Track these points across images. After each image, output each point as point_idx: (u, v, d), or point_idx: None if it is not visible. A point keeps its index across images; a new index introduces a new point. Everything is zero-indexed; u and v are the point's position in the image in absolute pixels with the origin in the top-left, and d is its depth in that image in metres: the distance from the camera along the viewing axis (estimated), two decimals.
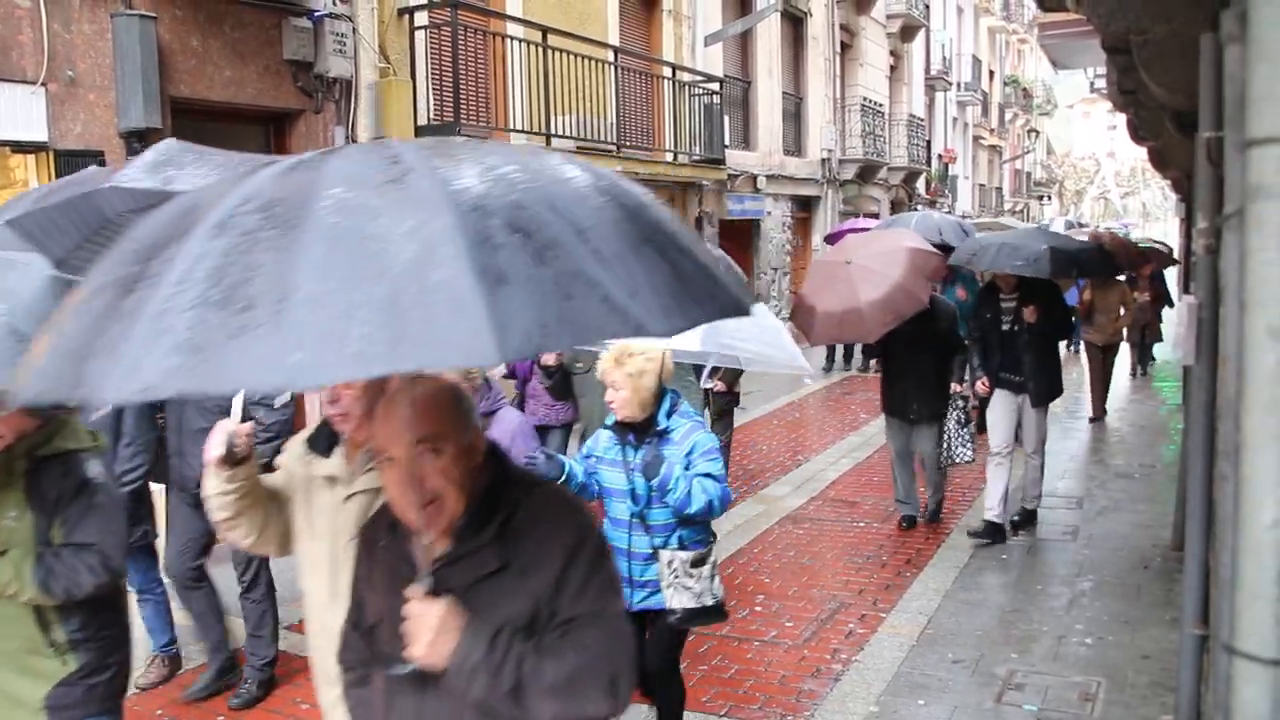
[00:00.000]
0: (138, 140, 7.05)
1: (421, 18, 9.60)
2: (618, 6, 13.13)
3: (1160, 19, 4.35)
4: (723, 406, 8.19)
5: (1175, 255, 15.36)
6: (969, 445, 7.45)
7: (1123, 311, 11.72)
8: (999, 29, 39.98)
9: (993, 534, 7.36)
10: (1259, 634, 1.44)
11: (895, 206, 24.45)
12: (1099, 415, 12.30)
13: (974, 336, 7.49)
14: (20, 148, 6.63)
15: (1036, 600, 6.30)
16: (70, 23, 6.78)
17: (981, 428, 7.85)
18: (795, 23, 19.17)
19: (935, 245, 8.65)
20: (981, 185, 37.54)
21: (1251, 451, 1.41)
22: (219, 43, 7.75)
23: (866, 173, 21.46)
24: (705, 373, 5.98)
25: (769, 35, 17.69)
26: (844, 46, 21.48)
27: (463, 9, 9.46)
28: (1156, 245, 16.24)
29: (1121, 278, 13.21)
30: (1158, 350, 16.61)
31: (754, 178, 16.63)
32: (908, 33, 25.09)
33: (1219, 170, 3.07)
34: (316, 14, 8.46)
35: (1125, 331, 15.38)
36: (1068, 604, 6.20)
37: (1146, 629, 5.75)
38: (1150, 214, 63.17)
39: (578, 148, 11.10)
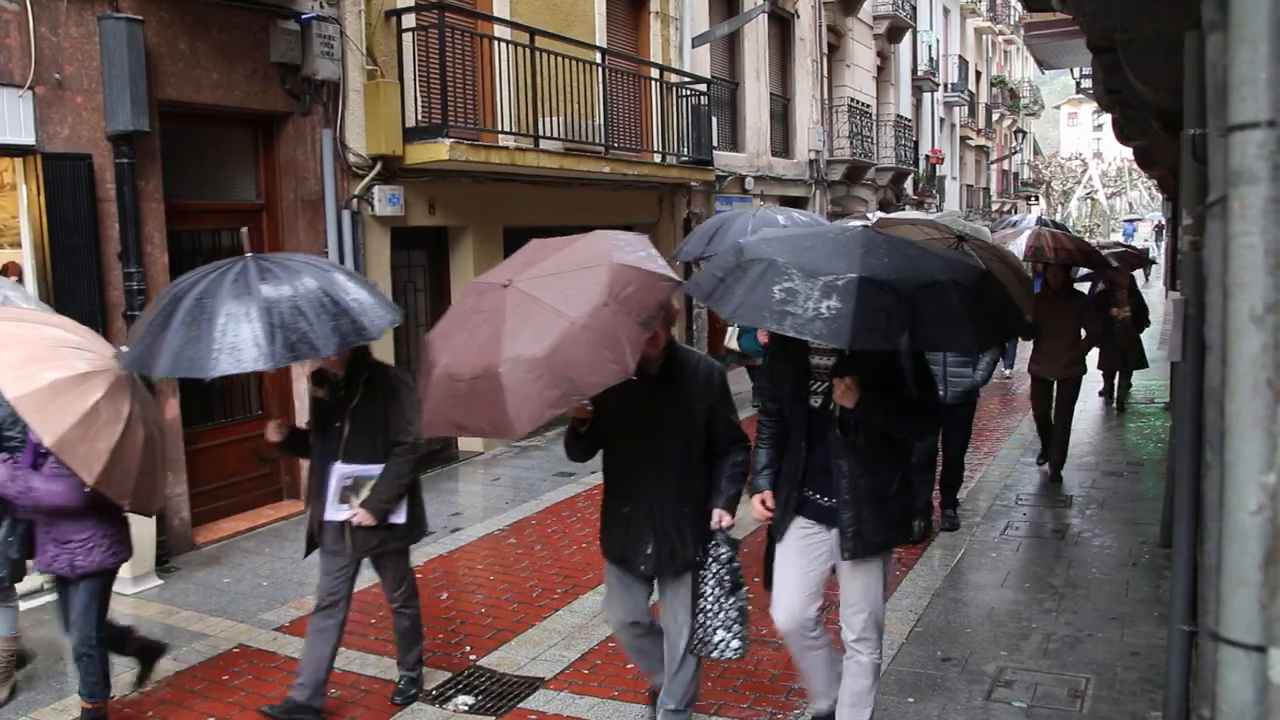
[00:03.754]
0: (125, 143, 7.03)
1: (409, 20, 9.59)
2: (605, 8, 13.13)
3: (1144, 18, 4.39)
4: None
5: (1151, 256, 14.68)
6: (740, 628, 4.19)
7: (1082, 334, 8.91)
8: (985, 30, 40.11)
9: None
10: (1244, 620, 1.45)
11: (884, 207, 24.49)
12: (1046, 464, 9.36)
13: (761, 420, 4.32)
14: (7, 151, 6.60)
15: (1025, 598, 6.32)
16: (57, 26, 6.75)
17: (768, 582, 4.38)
18: (782, 24, 19.21)
19: None
20: (969, 186, 37.64)
21: (1235, 437, 1.42)
22: (206, 45, 7.73)
23: (854, 174, 21.50)
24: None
25: (756, 36, 17.72)
26: (831, 48, 21.52)
27: (450, 11, 9.45)
28: (1127, 250, 14.53)
29: (1084, 287, 11.93)
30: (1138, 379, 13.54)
31: (742, 179, 16.65)
32: (894, 34, 25.14)
33: (1204, 166, 3.10)
34: (304, 16, 8.44)
35: (1089, 360, 12.33)
36: (1057, 601, 6.22)
37: (1135, 625, 5.77)
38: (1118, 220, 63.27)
39: (566, 149, 11.11)
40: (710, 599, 4.16)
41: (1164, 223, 30.51)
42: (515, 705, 5.05)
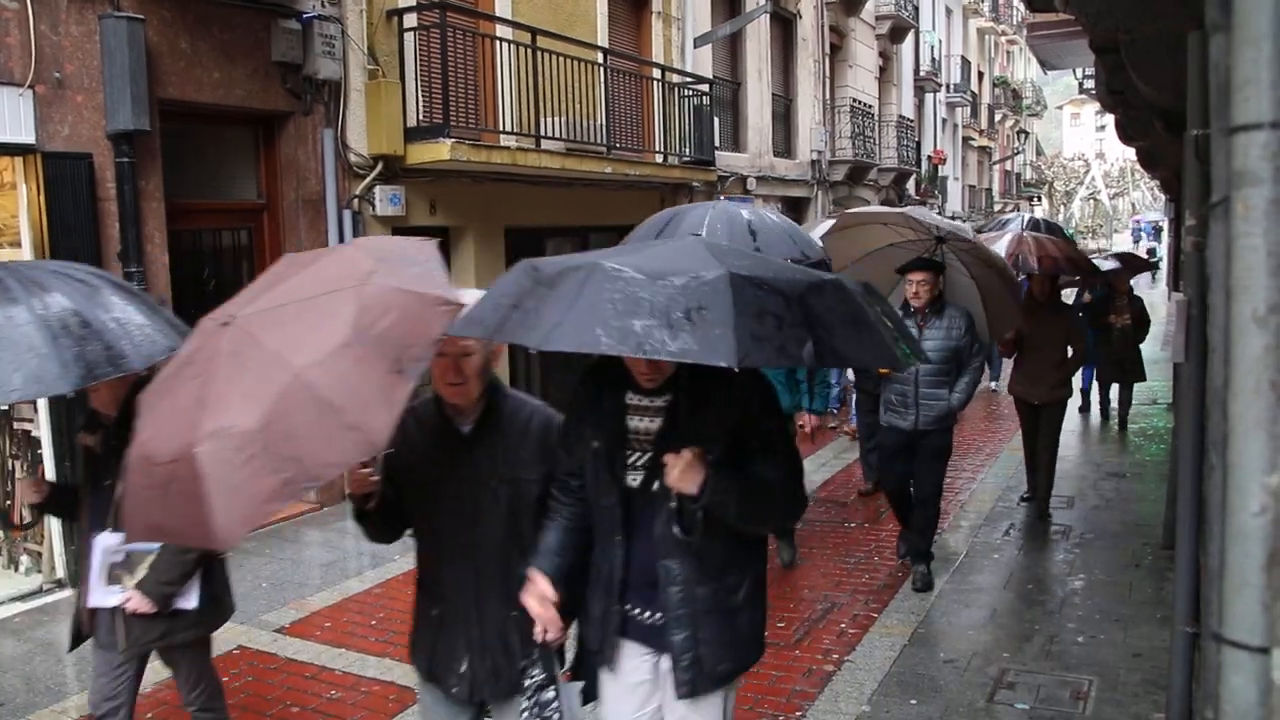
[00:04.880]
0: (126, 143, 7.03)
1: (410, 19, 9.59)
2: (607, 8, 13.13)
3: (1148, 18, 4.38)
4: None
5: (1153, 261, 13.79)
6: None
7: (1069, 353, 8.02)
8: (988, 30, 40.08)
9: None
10: (1246, 621, 1.44)
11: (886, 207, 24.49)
12: (1034, 495, 8.30)
13: (556, 496, 3.07)
14: (7, 150, 6.60)
15: (1028, 599, 6.31)
16: (58, 24, 6.75)
17: None
18: (785, 24, 19.19)
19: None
20: (971, 186, 37.62)
21: (1238, 438, 1.41)
22: (207, 45, 7.73)
23: (856, 174, 21.49)
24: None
25: (758, 37, 17.71)
26: (833, 48, 21.51)
27: (451, 10, 9.45)
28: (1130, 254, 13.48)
29: (1070, 298, 11.38)
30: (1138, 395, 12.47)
31: (744, 179, 16.64)
32: (897, 34, 25.13)
33: (1207, 167, 3.08)
34: (305, 16, 8.44)
35: (1084, 384, 12.25)
36: (1059, 603, 6.21)
37: (1138, 627, 5.76)
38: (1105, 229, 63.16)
39: (567, 149, 11.10)
40: None
41: (1164, 224, 30.43)
42: None
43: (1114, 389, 12.20)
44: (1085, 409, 12.69)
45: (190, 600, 3.70)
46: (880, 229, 6.99)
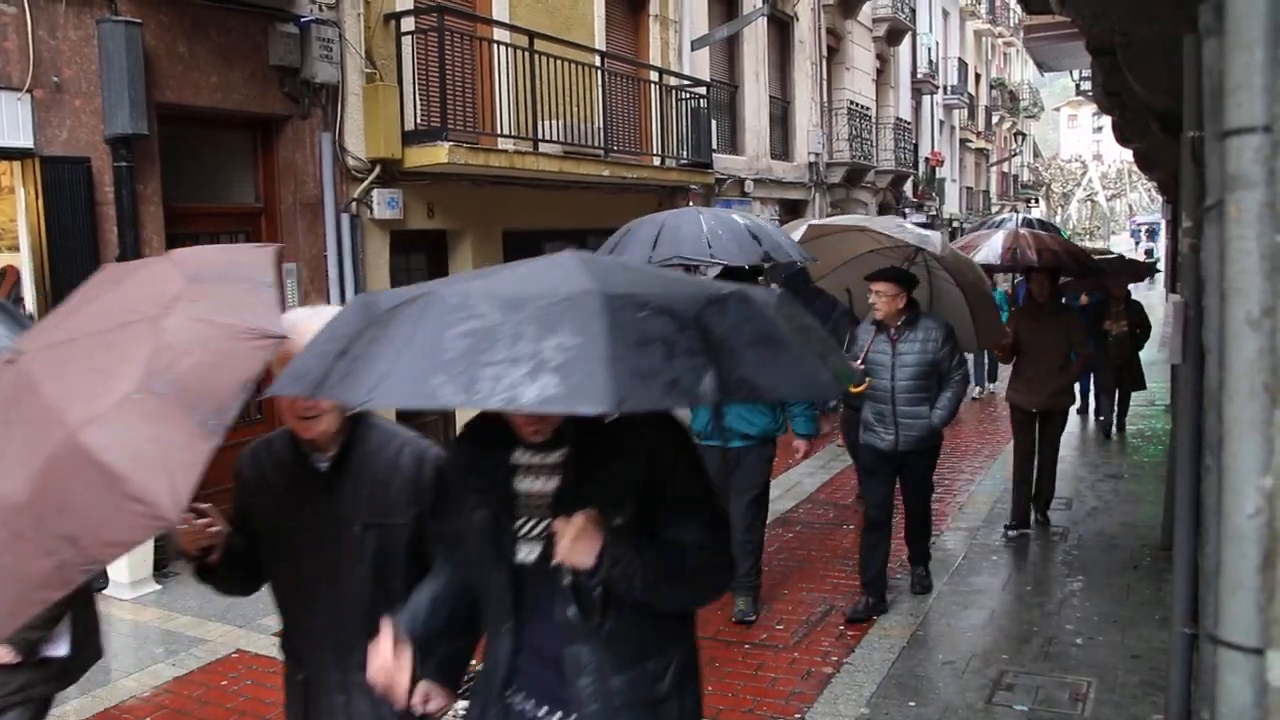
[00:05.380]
0: (124, 147, 7.03)
1: (408, 23, 9.59)
2: (604, 11, 13.14)
3: (1144, 20, 4.39)
4: None
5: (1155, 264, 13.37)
6: None
7: (1074, 358, 7.61)
8: (985, 32, 40.13)
9: None
10: (1242, 623, 1.45)
11: (883, 210, 24.50)
12: (1017, 524, 7.73)
13: (437, 559, 2.64)
14: (5, 154, 6.60)
15: (1026, 601, 6.32)
16: (56, 29, 6.76)
17: None
18: (782, 27, 19.21)
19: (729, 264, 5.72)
20: (969, 188, 37.66)
21: (1233, 440, 1.42)
22: (205, 49, 7.73)
23: (854, 176, 21.50)
24: None
25: (755, 39, 17.72)
26: (830, 50, 21.53)
27: (449, 14, 9.46)
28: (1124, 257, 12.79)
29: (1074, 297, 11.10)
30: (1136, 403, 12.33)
31: (741, 181, 16.65)
32: (894, 36, 25.15)
33: (1204, 169, 3.09)
34: (303, 19, 8.45)
35: (1083, 386, 11.84)
36: (1058, 604, 6.22)
37: (1136, 629, 5.77)
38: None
39: (565, 152, 11.11)
40: None
41: (1159, 225, 30.40)
42: None
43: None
44: (1083, 411, 12.57)
45: (60, 647, 3.17)
46: (855, 235, 6.72)
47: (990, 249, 8.17)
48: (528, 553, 2.30)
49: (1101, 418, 11.90)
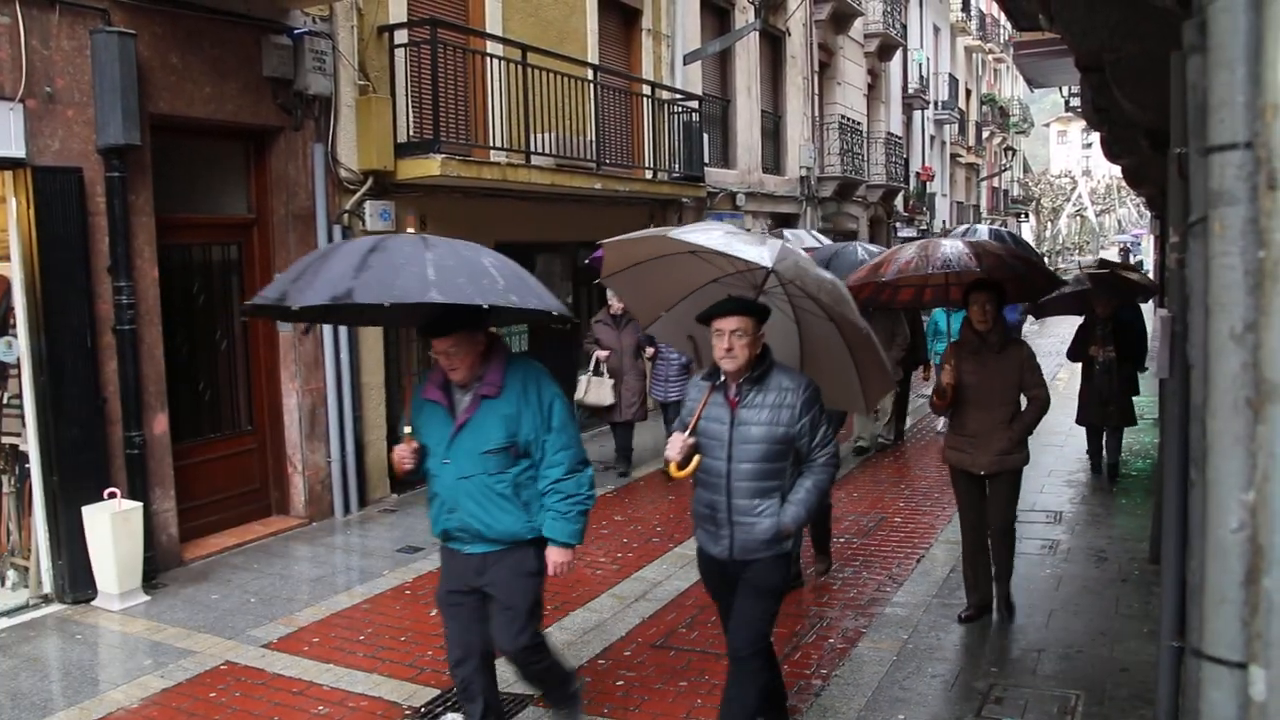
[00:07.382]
0: (116, 157, 7.03)
1: (401, 35, 9.61)
2: (597, 25, 13.18)
3: (1131, 37, 4.43)
4: None
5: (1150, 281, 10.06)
6: None
7: (1023, 403, 6.00)
8: (976, 48, 40.38)
9: None
10: (1226, 637, 1.46)
11: (874, 224, 24.60)
12: (973, 613, 6.21)
13: None
14: None
15: (1015, 614, 6.32)
16: (49, 39, 6.76)
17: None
18: (774, 42, 19.30)
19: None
20: (959, 203, 37.81)
21: (1217, 455, 1.43)
22: (198, 59, 7.74)
23: (845, 190, 21.58)
24: None
25: (748, 54, 17.80)
26: (822, 65, 21.63)
27: (442, 27, 9.48)
28: (1126, 272, 10.37)
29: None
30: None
31: (733, 195, 16.70)
32: (885, 52, 25.29)
33: (1190, 185, 3.11)
34: (296, 31, 8.46)
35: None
36: (1046, 618, 6.23)
37: (1125, 642, 5.78)
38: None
39: (557, 165, 11.13)
40: None
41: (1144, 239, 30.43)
42: None
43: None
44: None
45: None
46: (688, 260, 4.62)
47: (902, 257, 6.77)
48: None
49: (1091, 457, 10.11)
